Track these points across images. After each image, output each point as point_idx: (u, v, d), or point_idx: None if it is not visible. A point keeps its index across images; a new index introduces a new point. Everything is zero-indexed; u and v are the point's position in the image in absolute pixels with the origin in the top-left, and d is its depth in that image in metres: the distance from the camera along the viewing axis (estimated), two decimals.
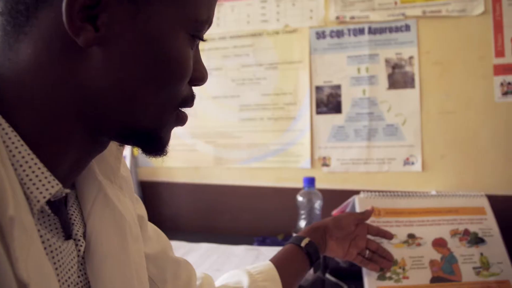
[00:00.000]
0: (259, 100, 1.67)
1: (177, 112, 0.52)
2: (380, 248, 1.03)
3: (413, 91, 1.52)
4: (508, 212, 1.38)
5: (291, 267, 0.86)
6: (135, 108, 0.47)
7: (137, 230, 0.60)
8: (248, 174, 1.70)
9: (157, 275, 0.67)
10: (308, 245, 0.88)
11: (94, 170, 0.54)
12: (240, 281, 0.79)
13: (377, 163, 1.56)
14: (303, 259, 0.88)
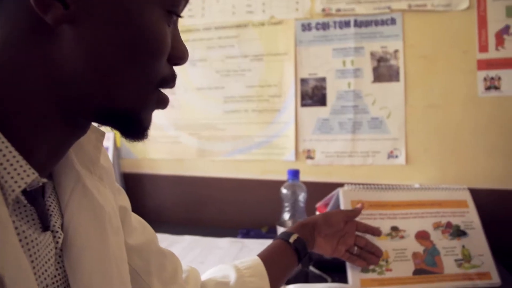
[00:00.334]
0: (244, 92, 1.65)
1: (158, 93, 0.50)
2: (368, 244, 1.02)
3: (398, 85, 1.53)
4: (489, 205, 1.39)
5: (279, 263, 0.85)
6: (111, 88, 0.45)
7: (118, 221, 0.58)
8: (232, 167, 1.69)
9: (141, 266, 0.66)
10: (297, 241, 0.87)
11: (73, 160, 0.53)
12: (227, 276, 0.77)
13: (362, 156, 1.56)
14: (291, 255, 0.87)
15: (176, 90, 1.71)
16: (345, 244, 0.98)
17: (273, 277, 0.79)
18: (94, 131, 0.56)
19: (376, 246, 1.03)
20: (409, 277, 1.07)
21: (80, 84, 0.44)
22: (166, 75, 0.50)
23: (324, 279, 1.13)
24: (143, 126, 0.50)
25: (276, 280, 0.81)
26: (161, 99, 0.51)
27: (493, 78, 1.47)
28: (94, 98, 0.45)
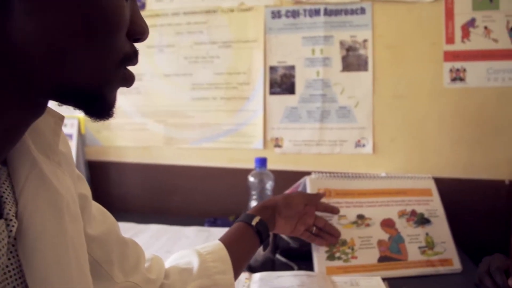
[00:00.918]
0: (212, 79, 1.63)
1: (122, 71, 0.49)
2: (327, 224, 1.05)
3: (366, 74, 1.53)
4: (452, 194, 1.42)
5: (241, 246, 0.84)
6: (68, 64, 0.43)
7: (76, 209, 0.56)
8: (200, 155, 1.67)
9: (102, 256, 0.64)
10: (259, 223, 0.87)
11: (29, 145, 0.50)
12: (190, 262, 0.76)
13: (329, 144, 1.57)
14: (253, 238, 0.87)
15: (143, 76, 1.67)
16: (304, 224, 1.00)
17: (236, 261, 0.79)
18: (52, 115, 0.53)
19: (334, 227, 1.07)
20: (374, 264, 1.08)
21: (35, 59, 0.41)
22: (127, 51, 0.48)
23: (291, 267, 1.14)
24: (107, 104, 0.48)
25: (239, 263, 0.81)
26: (126, 76, 0.49)
27: (459, 69, 1.50)
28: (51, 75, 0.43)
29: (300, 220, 0.99)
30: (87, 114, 0.48)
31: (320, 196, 1.06)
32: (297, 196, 1.00)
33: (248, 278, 1.02)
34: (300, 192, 1.06)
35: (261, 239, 0.88)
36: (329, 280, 1.00)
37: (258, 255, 1.09)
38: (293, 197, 0.99)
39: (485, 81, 1.49)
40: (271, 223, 0.92)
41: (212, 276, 0.75)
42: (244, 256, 0.85)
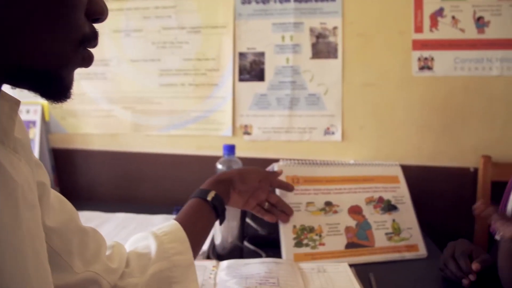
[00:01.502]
0: (181, 65, 1.60)
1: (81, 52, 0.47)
2: (280, 201, 1.05)
3: (336, 62, 1.53)
4: (419, 181, 1.44)
5: (198, 223, 0.84)
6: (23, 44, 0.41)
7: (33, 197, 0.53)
8: (168, 142, 1.65)
9: (61, 246, 0.61)
10: (215, 198, 0.87)
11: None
12: (148, 245, 0.75)
13: (298, 132, 1.56)
14: (209, 213, 0.86)
15: (109, 62, 1.63)
16: (257, 198, 1.01)
17: (194, 239, 0.78)
18: (7, 99, 0.50)
19: (287, 205, 1.07)
20: (341, 250, 1.09)
21: None
22: (86, 32, 0.47)
23: (259, 254, 1.13)
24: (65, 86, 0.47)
25: (197, 241, 0.81)
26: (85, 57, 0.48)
27: (427, 58, 1.51)
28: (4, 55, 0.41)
29: (253, 194, 0.99)
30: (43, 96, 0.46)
31: (277, 174, 1.06)
32: (252, 171, 1.00)
33: (215, 265, 1.01)
34: (256, 168, 1.05)
35: (217, 213, 0.87)
36: (297, 267, 1.00)
37: (225, 242, 1.09)
38: (248, 171, 0.99)
39: (452, 70, 1.50)
40: (226, 196, 0.91)
41: (171, 257, 0.73)
42: (202, 233, 0.85)
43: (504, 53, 1.48)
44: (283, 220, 1.06)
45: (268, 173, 1.06)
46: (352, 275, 0.97)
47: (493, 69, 1.49)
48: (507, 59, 1.48)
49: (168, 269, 0.73)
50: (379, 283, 0.95)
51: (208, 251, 1.12)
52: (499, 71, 1.48)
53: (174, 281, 0.73)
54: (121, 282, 0.70)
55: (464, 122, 1.52)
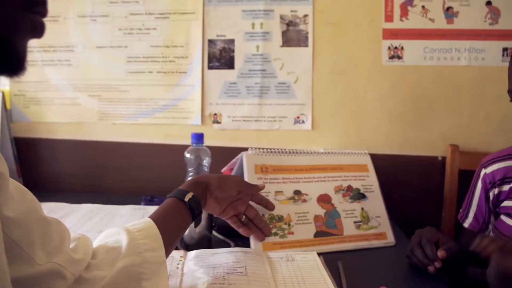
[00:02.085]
0: (148, 52, 1.56)
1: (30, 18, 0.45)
2: (258, 217, 1.02)
3: (306, 50, 1.52)
4: (388, 169, 1.45)
5: (173, 223, 0.82)
6: None
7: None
8: (136, 131, 1.61)
9: (21, 237, 0.59)
10: (192, 199, 0.85)
11: None
12: (119, 240, 0.72)
13: (268, 121, 1.55)
14: (185, 214, 0.84)
15: (74, 48, 1.58)
16: (235, 209, 0.98)
17: (167, 237, 0.76)
18: None
19: (265, 222, 1.04)
20: (310, 239, 1.08)
21: None
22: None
23: (228, 244, 1.11)
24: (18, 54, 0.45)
25: (170, 240, 0.79)
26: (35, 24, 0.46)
27: (397, 47, 1.51)
28: None
29: (231, 204, 0.96)
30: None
31: (258, 188, 1.03)
32: (232, 180, 0.97)
33: (183, 256, 0.99)
34: (237, 177, 1.03)
35: (193, 215, 0.85)
36: (265, 256, 0.99)
37: (193, 232, 1.07)
38: (227, 179, 0.97)
39: (421, 60, 1.51)
40: (202, 200, 0.90)
41: (142, 253, 0.71)
42: (176, 232, 0.83)
43: (472, 43, 1.49)
44: (258, 238, 1.03)
45: (249, 185, 1.02)
46: (321, 263, 0.97)
47: (461, 59, 1.50)
48: (474, 49, 1.50)
49: (138, 265, 0.71)
50: (347, 271, 0.95)
51: None
52: (467, 61, 1.50)
53: (144, 277, 0.71)
54: (87, 274, 0.68)
55: (432, 111, 1.53)
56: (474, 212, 1.11)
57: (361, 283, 0.90)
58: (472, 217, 1.11)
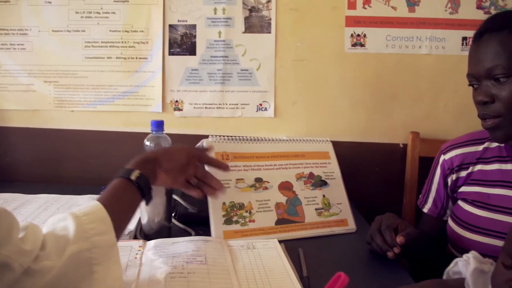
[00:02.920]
0: (107, 37, 1.51)
1: None
2: (207, 175, 0.99)
3: (269, 36, 1.50)
4: (350, 157, 1.46)
5: (121, 204, 0.79)
6: None
7: None
8: (95, 118, 1.56)
9: None
10: (139, 178, 0.82)
11: None
12: (66, 227, 0.69)
13: (231, 108, 1.53)
14: (134, 193, 0.82)
15: (28, 31, 1.51)
16: (185, 174, 0.96)
17: (117, 219, 0.73)
18: None
19: (216, 179, 1.00)
20: (271, 227, 1.07)
21: None
22: None
23: (189, 233, 1.10)
24: None
25: (120, 222, 0.76)
26: None
27: (359, 35, 1.51)
28: None
29: (181, 171, 0.94)
30: None
31: (205, 149, 1.02)
32: (180, 149, 0.96)
33: (141, 245, 0.97)
34: (183, 145, 1.00)
35: (143, 193, 0.83)
36: (225, 244, 0.98)
37: (152, 222, 1.04)
38: (175, 150, 0.95)
39: (383, 48, 1.52)
40: (152, 176, 0.87)
41: (90, 238, 0.68)
42: (126, 213, 0.80)
43: (432, 32, 1.51)
44: (210, 194, 1.01)
45: (196, 149, 1.01)
46: (281, 251, 0.96)
47: (423, 48, 1.52)
48: (435, 38, 1.51)
49: (87, 250, 0.68)
50: (308, 258, 0.94)
51: (135, 231, 1.08)
52: (428, 49, 1.52)
53: (95, 262, 0.68)
54: (35, 265, 0.65)
55: (394, 99, 1.54)
56: (433, 198, 1.12)
57: (321, 269, 0.90)
58: (431, 202, 1.13)
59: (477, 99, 0.91)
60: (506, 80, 0.86)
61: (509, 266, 0.64)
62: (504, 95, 0.86)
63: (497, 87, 0.88)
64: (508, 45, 0.86)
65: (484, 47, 0.89)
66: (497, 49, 0.86)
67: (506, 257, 0.65)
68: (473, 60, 0.93)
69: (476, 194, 1.00)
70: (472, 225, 0.98)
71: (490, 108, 0.89)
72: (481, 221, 0.97)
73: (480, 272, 0.72)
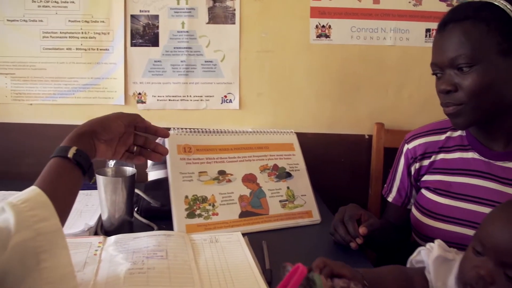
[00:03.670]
0: (66, 27, 1.46)
1: None
2: (148, 141, 0.97)
3: (233, 27, 1.48)
4: (316, 148, 1.46)
5: (61, 185, 0.74)
6: None
7: None
8: (55, 111, 1.51)
9: None
10: (76, 154, 0.77)
11: None
12: (6, 218, 0.66)
13: (195, 100, 1.51)
14: (73, 171, 0.77)
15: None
16: (124, 145, 0.92)
17: (59, 202, 0.69)
18: None
19: (157, 144, 0.98)
20: (235, 220, 1.06)
21: None
22: None
23: (151, 227, 1.07)
24: None
25: (63, 204, 0.72)
26: None
27: (324, 26, 1.51)
28: None
29: (119, 142, 0.91)
30: None
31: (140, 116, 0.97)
32: (116, 117, 0.90)
33: (101, 242, 0.94)
34: (119, 113, 0.94)
35: (83, 170, 0.78)
36: (188, 238, 0.96)
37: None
38: (111, 118, 0.90)
39: (348, 39, 1.52)
40: (91, 150, 0.83)
41: (33, 226, 0.64)
42: (67, 194, 0.75)
43: (397, 24, 1.52)
44: (154, 159, 0.98)
45: (132, 115, 0.95)
46: (245, 243, 0.95)
47: (387, 39, 1.52)
48: (399, 29, 1.52)
49: (31, 239, 0.64)
50: (272, 250, 0.94)
51: (96, 227, 1.05)
52: (392, 41, 1.53)
53: (41, 250, 0.65)
54: None
55: (359, 91, 1.55)
56: (398, 187, 1.13)
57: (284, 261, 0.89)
58: (395, 192, 1.13)
59: (440, 88, 0.91)
60: (469, 70, 0.87)
61: (479, 252, 0.66)
62: (466, 84, 0.87)
63: (460, 76, 0.88)
64: (471, 34, 0.86)
65: (447, 37, 0.90)
66: (460, 39, 0.87)
67: (477, 243, 0.67)
68: (437, 50, 0.93)
69: (439, 183, 1.01)
70: (435, 212, 0.99)
71: (453, 96, 0.90)
72: (443, 209, 0.98)
73: (443, 260, 0.74)
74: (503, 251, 0.62)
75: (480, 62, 0.86)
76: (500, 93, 0.88)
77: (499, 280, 0.62)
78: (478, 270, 0.64)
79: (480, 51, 0.86)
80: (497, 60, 0.86)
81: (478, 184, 0.95)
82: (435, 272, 0.72)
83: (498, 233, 0.64)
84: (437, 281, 0.72)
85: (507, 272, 0.62)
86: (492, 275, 0.62)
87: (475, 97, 0.88)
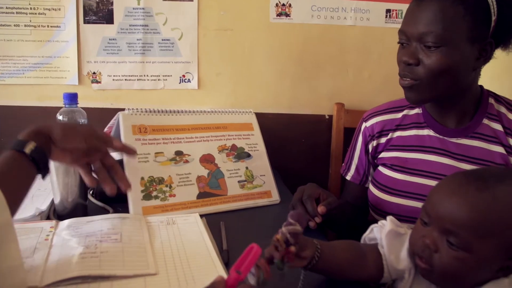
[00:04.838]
0: (13, 2, 1.39)
1: None
2: (115, 168, 0.89)
3: (191, 4, 1.44)
4: (276, 128, 1.45)
5: (14, 179, 0.72)
6: None
7: None
8: (3, 92, 1.44)
9: None
10: (34, 151, 0.74)
11: None
12: None
13: (152, 80, 1.47)
14: (28, 167, 0.74)
15: None
16: (89, 157, 0.86)
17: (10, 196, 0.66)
18: None
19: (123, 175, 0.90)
20: (193, 201, 1.04)
21: None
22: None
23: (106, 210, 1.04)
24: None
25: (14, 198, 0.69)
26: None
27: (284, 4, 1.49)
28: None
29: (86, 153, 0.84)
30: None
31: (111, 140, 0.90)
32: (79, 130, 0.85)
33: (53, 226, 0.90)
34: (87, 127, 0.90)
35: (38, 167, 0.75)
36: (144, 221, 0.94)
37: (66, 202, 0.98)
38: (73, 130, 0.85)
39: (309, 18, 1.51)
40: (47, 150, 0.79)
41: None
42: (20, 189, 0.73)
43: (357, 4, 1.52)
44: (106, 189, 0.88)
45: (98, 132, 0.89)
46: (202, 225, 0.93)
47: (348, 19, 1.52)
48: (360, 9, 1.52)
49: None
50: (230, 231, 0.93)
51: (48, 211, 1.01)
52: (352, 21, 1.52)
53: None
54: None
55: (319, 71, 1.54)
56: (356, 165, 1.13)
57: (242, 242, 0.87)
58: (354, 170, 1.14)
59: (403, 59, 0.91)
60: (435, 49, 0.87)
61: (426, 223, 0.70)
62: (429, 62, 0.87)
63: (424, 52, 0.88)
64: (447, 14, 0.86)
65: (424, 9, 0.88)
66: (436, 16, 0.86)
67: (424, 214, 0.71)
68: (409, 19, 0.92)
69: (395, 159, 1.02)
70: (391, 188, 1.00)
71: (412, 70, 0.90)
72: (399, 184, 0.99)
73: (396, 234, 0.76)
74: (444, 218, 0.65)
75: (448, 44, 0.86)
76: (457, 78, 0.90)
77: (442, 248, 0.65)
78: (424, 239, 0.67)
79: (451, 34, 0.86)
80: (464, 45, 0.87)
81: (433, 160, 0.97)
82: (388, 246, 0.74)
83: (440, 203, 0.67)
84: (390, 254, 0.73)
85: (449, 239, 0.65)
86: (436, 243, 0.66)
87: (433, 77, 0.88)
